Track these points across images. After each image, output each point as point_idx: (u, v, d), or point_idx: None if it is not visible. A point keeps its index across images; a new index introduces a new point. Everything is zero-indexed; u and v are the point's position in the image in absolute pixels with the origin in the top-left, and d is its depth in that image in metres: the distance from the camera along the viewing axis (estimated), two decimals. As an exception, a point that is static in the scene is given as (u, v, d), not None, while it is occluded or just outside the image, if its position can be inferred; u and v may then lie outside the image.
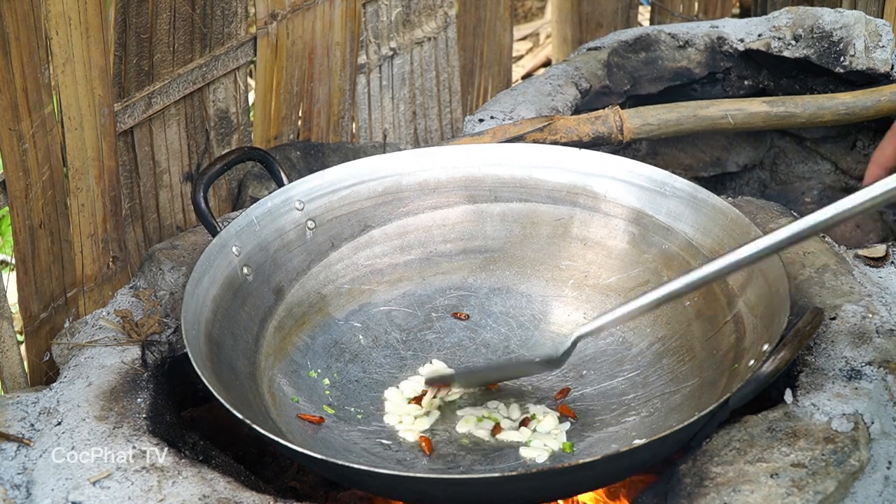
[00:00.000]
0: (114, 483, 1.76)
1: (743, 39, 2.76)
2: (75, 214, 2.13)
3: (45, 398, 1.96)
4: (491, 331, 2.21)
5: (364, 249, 2.25)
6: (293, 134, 2.68)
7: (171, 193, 2.44)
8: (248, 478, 1.97)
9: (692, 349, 2.04)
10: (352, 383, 2.10)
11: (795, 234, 1.72)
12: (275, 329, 2.10)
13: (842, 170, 2.75)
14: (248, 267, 2.09)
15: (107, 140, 2.14)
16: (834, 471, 1.68)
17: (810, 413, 1.79)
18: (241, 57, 2.47)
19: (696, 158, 2.84)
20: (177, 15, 2.29)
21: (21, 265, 2.06)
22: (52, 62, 2.00)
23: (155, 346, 2.08)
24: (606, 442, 1.94)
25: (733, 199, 2.39)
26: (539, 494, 1.75)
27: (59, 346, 2.10)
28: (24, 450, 1.86)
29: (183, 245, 2.28)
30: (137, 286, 2.23)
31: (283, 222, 2.17)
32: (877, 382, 1.85)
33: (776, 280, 1.91)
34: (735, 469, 1.70)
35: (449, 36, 3.02)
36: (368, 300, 2.23)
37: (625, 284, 2.18)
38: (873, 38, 2.63)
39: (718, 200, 2.09)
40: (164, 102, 2.32)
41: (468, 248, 2.28)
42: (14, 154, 1.96)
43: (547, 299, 2.24)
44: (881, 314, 2.01)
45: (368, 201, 2.24)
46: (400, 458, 1.93)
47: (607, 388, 2.06)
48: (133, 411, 1.90)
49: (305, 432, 1.95)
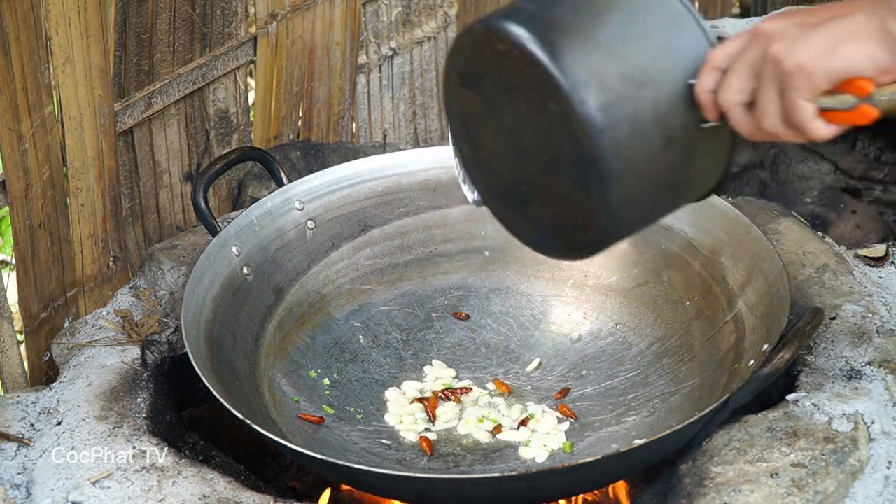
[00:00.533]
0: (114, 483, 1.76)
1: (743, 39, 2.75)
2: (75, 214, 2.13)
3: (45, 398, 1.96)
4: (491, 331, 2.21)
5: (364, 249, 2.25)
6: (293, 134, 2.68)
7: (171, 193, 2.44)
8: (248, 478, 1.97)
9: (692, 349, 2.04)
10: (352, 383, 2.10)
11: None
12: (275, 329, 2.10)
13: (842, 170, 2.75)
14: (248, 267, 2.09)
15: (107, 140, 2.14)
16: (834, 471, 1.68)
17: (810, 413, 1.79)
18: (241, 57, 2.47)
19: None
20: (177, 15, 2.29)
21: (21, 265, 2.05)
22: (52, 62, 1.99)
23: (155, 346, 2.08)
24: (606, 442, 1.94)
25: (733, 198, 2.39)
26: (539, 494, 1.75)
27: (59, 346, 2.09)
28: (24, 450, 1.86)
29: (183, 245, 2.28)
30: (137, 286, 2.23)
31: (283, 222, 2.17)
32: (877, 382, 1.85)
33: (776, 280, 1.91)
34: (735, 469, 1.70)
35: (449, 36, 3.02)
36: (368, 300, 2.23)
37: (625, 284, 2.18)
38: (873, 38, 2.63)
39: (718, 200, 2.09)
40: (164, 102, 2.32)
41: (468, 248, 2.28)
42: (14, 154, 1.96)
43: (547, 299, 2.24)
44: (881, 314, 2.01)
45: (368, 201, 2.24)
46: (400, 458, 1.93)
47: (607, 388, 2.06)
48: (133, 411, 1.90)
49: (305, 432, 1.95)
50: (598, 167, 1.39)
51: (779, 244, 2.20)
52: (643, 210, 1.49)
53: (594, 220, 1.45)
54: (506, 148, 1.51)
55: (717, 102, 1.40)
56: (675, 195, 1.51)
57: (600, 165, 1.39)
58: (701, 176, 1.51)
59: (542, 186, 1.50)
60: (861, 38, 1.31)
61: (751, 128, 1.40)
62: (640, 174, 1.42)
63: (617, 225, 1.47)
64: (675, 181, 1.47)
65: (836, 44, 1.31)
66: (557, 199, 1.48)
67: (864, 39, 1.31)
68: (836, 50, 1.31)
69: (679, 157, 1.44)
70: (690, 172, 1.48)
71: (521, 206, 1.55)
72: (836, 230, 2.55)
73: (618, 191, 1.40)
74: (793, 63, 1.32)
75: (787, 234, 2.25)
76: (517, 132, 1.48)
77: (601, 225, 1.46)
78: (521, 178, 1.52)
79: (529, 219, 1.56)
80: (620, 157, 1.39)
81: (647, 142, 1.40)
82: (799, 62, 1.32)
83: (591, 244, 1.52)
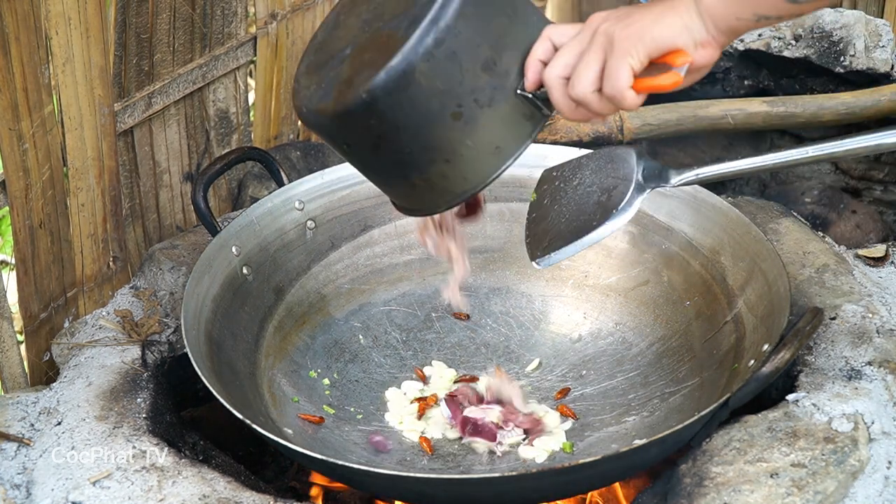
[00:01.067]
0: (114, 483, 1.76)
1: (743, 39, 2.75)
2: (75, 214, 2.13)
3: (45, 398, 1.96)
4: (491, 331, 2.21)
5: (364, 249, 2.25)
6: (293, 134, 2.68)
7: (171, 193, 2.44)
8: (248, 478, 1.97)
9: (692, 349, 2.04)
10: (352, 383, 2.10)
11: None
12: (275, 329, 2.10)
13: (842, 170, 2.75)
14: (248, 267, 2.09)
15: (107, 140, 2.14)
16: (834, 471, 1.68)
17: (810, 413, 1.79)
18: (241, 57, 2.47)
19: (696, 158, 2.83)
20: (177, 15, 2.29)
21: (21, 265, 2.05)
22: (52, 62, 2.00)
23: (155, 346, 2.08)
24: (606, 442, 1.94)
25: (733, 198, 2.39)
26: (539, 494, 1.75)
27: (59, 346, 2.09)
28: (24, 450, 1.86)
29: (183, 245, 2.28)
30: (137, 286, 2.23)
31: (283, 222, 2.17)
32: (877, 382, 1.85)
33: (776, 280, 1.91)
34: (735, 469, 1.70)
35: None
36: (368, 300, 2.23)
37: (625, 284, 2.18)
38: (873, 38, 2.63)
39: (718, 200, 2.09)
40: (164, 102, 2.32)
41: (468, 249, 2.28)
42: (14, 154, 1.96)
43: (547, 299, 2.24)
44: (881, 314, 2.01)
45: (368, 201, 2.24)
46: (400, 458, 1.93)
47: (607, 388, 2.06)
48: (133, 411, 1.90)
49: (305, 432, 1.95)
50: (424, 18, 1.45)
51: (779, 244, 2.20)
52: (415, 100, 1.49)
53: (380, 69, 1.47)
54: (358, 23, 1.57)
55: (542, 75, 1.53)
56: (432, 139, 1.53)
57: (427, 19, 1.45)
58: (459, 160, 1.54)
59: (368, 41, 1.53)
60: (680, 13, 1.49)
61: (565, 97, 1.52)
62: (453, 54, 1.47)
63: (393, 85, 1.47)
64: (448, 126, 1.51)
65: (658, 17, 1.49)
66: (371, 51, 1.52)
67: (683, 14, 1.49)
68: (658, 22, 1.49)
69: (483, 94, 1.50)
70: (462, 140, 1.52)
71: (333, 66, 1.57)
72: (836, 230, 2.55)
73: (431, 40, 1.45)
74: (622, 33, 1.48)
75: (787, 234, 2.25)
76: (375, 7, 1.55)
77: (380, 77, 1.47)
78: (356, 42, 1.56)
79: (327, 76, 1.56)
80: (449, 30, 1.46)
81: (475, 45, 1.48)
82: (627, 33, 1.48)
83: (354, 92, 1.51)
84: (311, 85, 1.57)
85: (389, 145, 1.53)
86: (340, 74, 1.53)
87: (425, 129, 1.50)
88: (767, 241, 1.99)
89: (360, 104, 1.49)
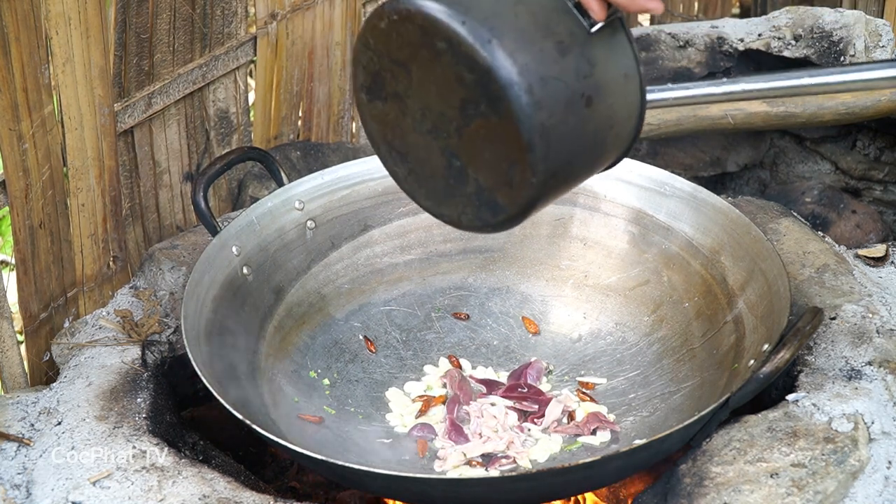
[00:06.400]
0: (114, 483, 1.76)
1: (743, 39, 2.75)
2: (75, 214, 2.13)
3: (45, 398, 1.96)
4: (491, 331, 2.21)
5: (364, 249, 2.25)
6: (293, 134, 2.68)
7: (171, 193, 2.44)
8: (248, 478, 1.97)
9: (692, 349, 2.04)
10: (352, 383, 2.10)
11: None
12: (275, 329, 2.10)
13: (842, 170, 2.75)
14: (248, 267, 2.09)
15: (107, 140, 2.15)
16: (834, 471, 1.68)
17: (810, 413, 1.79)
18: (241, 57, 2.47)
19: (696, 158, 2.83)
20: (177, 15, 2.29)
21: (21, 265, 2.06)
22: (52, 62, 2.00)
23: (155, 346, 2.08)
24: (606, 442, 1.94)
25: (733, 198, 2.39)
26: (539, 494, 1.75)
27: (59, 346, 2.10)
28: (24, 450, 1.86)
29: (183, 245, 2.28)
30: (137, 286, 2.23)
31: (283, 222, 2.17)
32: (877, 382, 1.85)
33: (776, 280, 1.91)
34: (735, 469, 1.70)
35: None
36: (368, 300, 2.23)
37: (625, 284, 2.18)
38: (873, 38, 2.63)
39: (718, 200, 2.09)
40: (164, 102, 2.32)
41: (468, 248, 2.28)
42: (14, 154, 1.96)
43: (547, 299, 2.24)
44: (881, 314, 2.01)
45: (368, 201, 2.24)
46: (400, 458, 1.94)
47: (607, 388, 2.06)
48: (133, 411, 1.90)
49: (305, 432, 1.95)
50: (491, 77, 1.40)
51: (779, 244, 2.20)
52: (563, 134, 1.46)
53: (523, 151, 1.43)
54: (426, 132, 1.52)
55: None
56: (595, 133, 1.49)
57: (493, 75, 1.40)
58: (616, 118, 1.50)
59: (466, 143, 1.49)
60: None
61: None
62: (543, 79, 1.42)
63: (544, 149, 1.44)
64: (591, 113, 1.47)
65: None
66: (484, 146, 1.47)
67: None
68: None
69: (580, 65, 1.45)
70: (604, 105, 1.48)
71: (460, 183, 1.53)
72: (836, 230, 2.55)
73: (524, 95, 1.40)
74: None
75: (787, 234, 2.25)
76: (426, 107, 1.49)
77: (531, 155, 1.43)
78: (449, 150, 1.51)
79: (469, 196, 1.53)
80: (514, 63, 1.40)
81: (537, 47, 1.42)
82: None
83: (526, 186, 1.47)
84: (459, 204, 1.54)
85: (574, 175, 1.53)
86: (481, 181, 1.50)
87: (583, 137, 1.49)
88: (767, 241, 1.99)
89: (535, 195, 1.48)
